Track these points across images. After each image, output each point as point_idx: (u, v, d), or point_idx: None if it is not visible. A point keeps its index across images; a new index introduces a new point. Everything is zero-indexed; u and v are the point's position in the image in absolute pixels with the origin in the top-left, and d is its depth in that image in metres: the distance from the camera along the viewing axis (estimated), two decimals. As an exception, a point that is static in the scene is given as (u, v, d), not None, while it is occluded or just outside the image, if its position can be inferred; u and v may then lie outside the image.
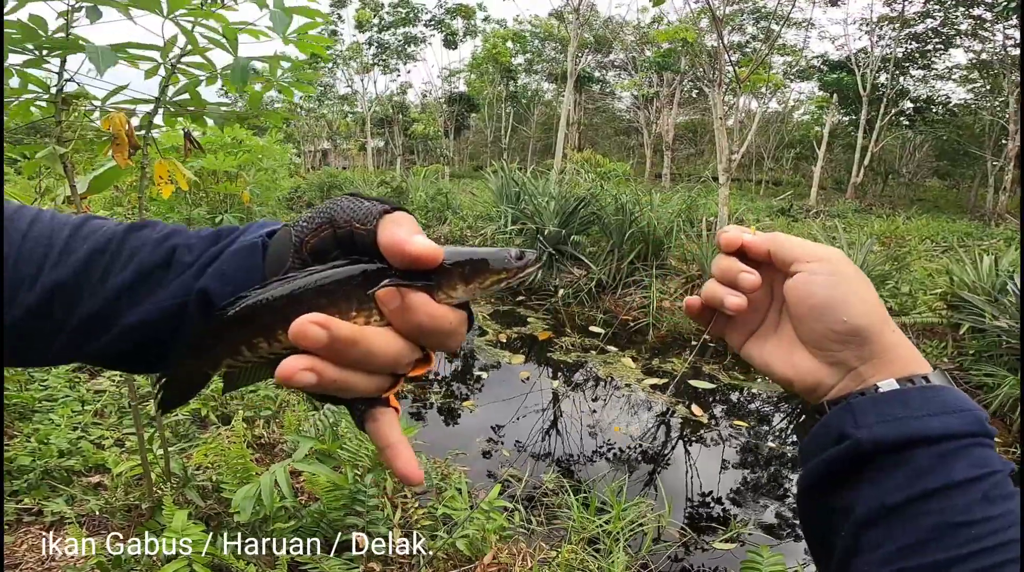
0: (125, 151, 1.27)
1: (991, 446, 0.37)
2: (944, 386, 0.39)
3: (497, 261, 0.34)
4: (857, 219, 13.63)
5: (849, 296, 0.40)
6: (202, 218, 4.68)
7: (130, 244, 0.38)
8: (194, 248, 0.38)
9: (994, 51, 17.82)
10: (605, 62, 27.64)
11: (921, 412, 0.37)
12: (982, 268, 5.10)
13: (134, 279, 0.37)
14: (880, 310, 0.41)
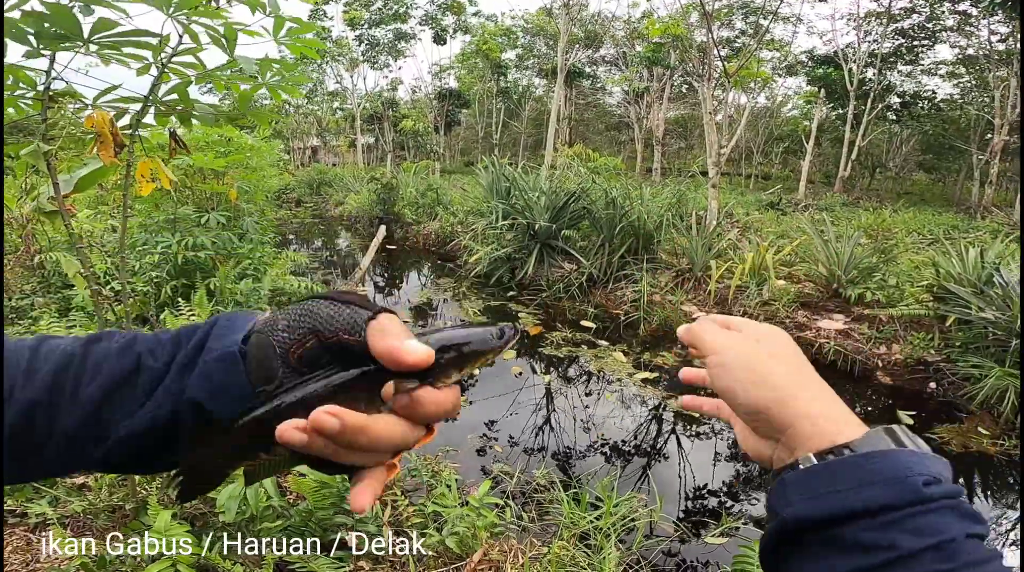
0: (110, 149, 1.25)
1: (950, 507, 0.34)
2: (880, 453, 0.36)
3: (482, 344, 0.37)
4: (845, 212, 13.73)
5: (738, 382, 0.43)
6: (188, 217, 4.61)
7: (93, 357, 0.38)
8: (158, 354, 0.39)
9: (979, 46, 17.99)
10: (596, 57, 27.61)
11: (846, 486, 0.35)
12: (968, 260, 5.15)
13: (107, 389, 0.37)
14: (780, 388, 0.41)
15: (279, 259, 5.77)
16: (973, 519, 0.34)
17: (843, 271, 6.02)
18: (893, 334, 5.26)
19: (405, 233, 11.80)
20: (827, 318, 5.76)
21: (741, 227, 9.03)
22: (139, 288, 4.39)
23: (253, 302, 4.54)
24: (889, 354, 5.15)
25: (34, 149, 1.23)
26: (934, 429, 4.15)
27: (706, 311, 6.44)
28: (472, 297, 7.32)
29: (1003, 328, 4.41)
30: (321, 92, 27.09)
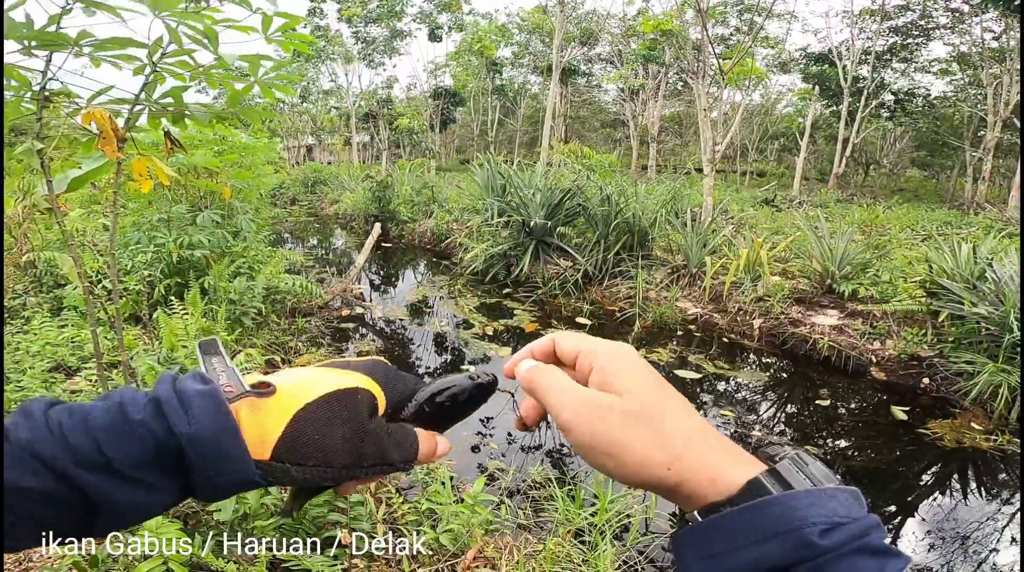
0: (114, 144, 1.25)
1: (857, 550, 0.30)
2: (773, 501, 0.32)
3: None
4: (839, 209, 13.77)
5: (599, 462, 0.37)
6: (182, 215, 4.59)
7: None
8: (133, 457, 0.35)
9: (972, 44, 18.05)
10: (591, 55, 27.59)
11: (737, 543, 0.32)
12: (961, 256, 5.18)
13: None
14: (649, 461, 0.36)
15: (274, 257, 5.75)
16: (886, 554, 0.30)
17: (837, 267, 6.04)
18: (887, 330, 5.28)
19: (401, 231, 11.77)
20: (821, 314, 5.78)
21: (736, 224, 9.05)
22: (132, 287, 4.37)
23: (246, 301, 4.52)
24: (883, 350, 5.17)
25: (28, 147, 1.22)
26: (927, 424, 4.17)
27: (701, 307, 6.46)
28: (468, 294, 7.32)
29: (996, 323, 4.43)
30: (316, 91, 26.98)
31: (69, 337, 3.69)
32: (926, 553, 2.92)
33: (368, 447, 0.38)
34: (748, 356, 5.64)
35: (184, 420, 0.33)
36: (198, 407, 0.34)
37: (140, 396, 0.35)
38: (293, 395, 0.37)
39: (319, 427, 0.36)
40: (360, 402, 0.39)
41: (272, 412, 0.36)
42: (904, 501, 3.43)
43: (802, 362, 5.43)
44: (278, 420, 0.36)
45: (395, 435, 0.40)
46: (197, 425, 0.33)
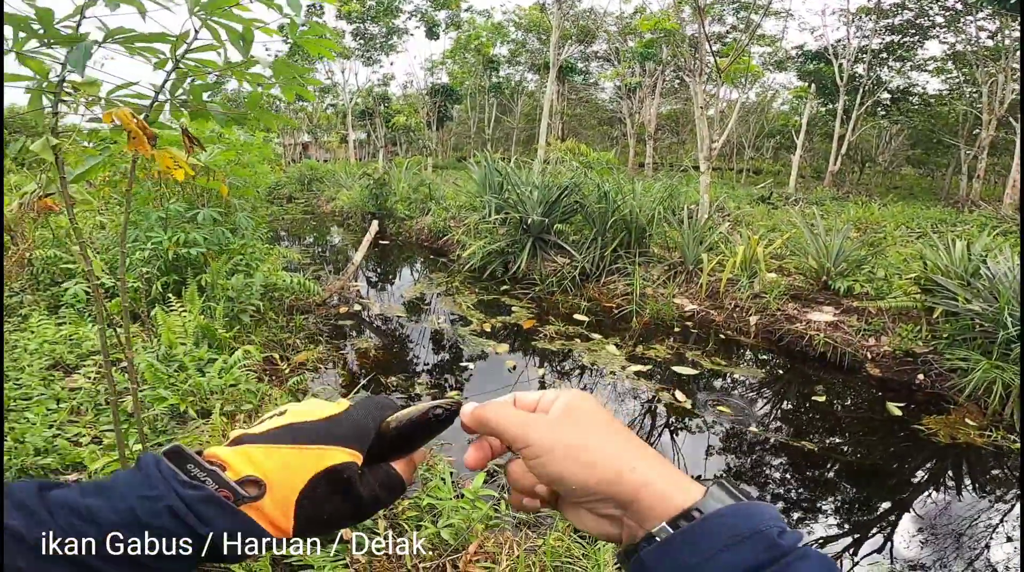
0: (146, 143, 1.25)
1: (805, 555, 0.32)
2: (730, 510, 0.34)
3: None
4: (835, 206, 13.83)
5: (567, 470, 0.38)
6: (179, 213, 4.58)
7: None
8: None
9: (968, 43, 18.12)
10: (588, 53, 27.57)
11: (714, 549, 0.33)
12: (955, 253, 5.22)
13: None
14: (611, 459, 0.38)
15: (271, 255, 5.74)
16: (821, 562, 0.33)
17: (832, 264, 6.07)
18: (882, 326, 5.32)
19: (398, 228, 11.76)
20: (817, 310, 5.81)
21: (732, 221, 9.08)
22: (130, 284, 4.36)
23: (244, 298, 4.52)
24: (878, 346, 5.21)
25: (43, 142, 1.22)
26: (922, 421, 4.21)
27: (698, 304, 6.49)
28: (465, 291, 7.33)
29: (990, 320, 4.47)
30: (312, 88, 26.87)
31: (67, 334, 3.68)
32: (920, 549, 2.95)
33: (364, 506, 0.44)
34: (744, 352, 5.67)
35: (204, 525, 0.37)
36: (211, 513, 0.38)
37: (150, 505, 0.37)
38: (286, 483, 0.41)
39: (318, 506, 0.42)
40: (347, 477, 0.43)
41: (277, 507, 0.40)
42: (899, 497, 3.46)
43: (798, 358, 5.46)
44: (285, 513, 0.40)
45: (383, 483, 0.46)
46: (218, 527, 0.38)
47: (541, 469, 0.39)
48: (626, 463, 0.38)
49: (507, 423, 0.42)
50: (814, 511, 3.26)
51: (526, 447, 0.40)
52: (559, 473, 0.38)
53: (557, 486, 0.40)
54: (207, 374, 3.22)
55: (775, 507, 0.36)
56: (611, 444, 0.39)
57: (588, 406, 0.42)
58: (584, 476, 0.38)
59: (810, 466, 3.70)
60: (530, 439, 0.40)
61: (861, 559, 2.83)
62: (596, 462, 0.38)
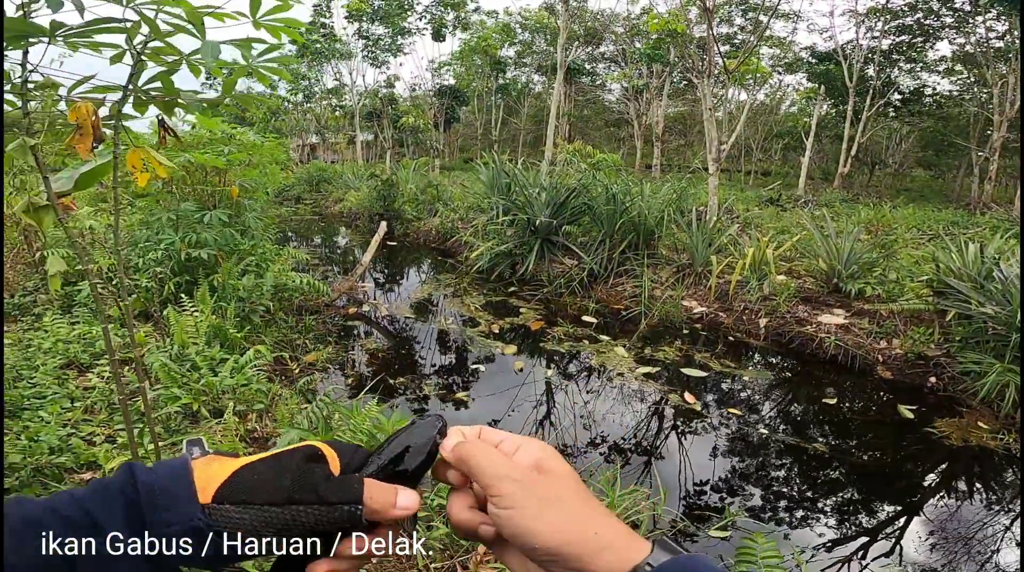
0: (88, 142, 1.23)
1: None
2: (669, 562, 0.38)
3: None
4: (845, 208, 13.73)
5: (533, 523, 0.39)
6: (190, 214, 4.62)
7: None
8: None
9: (977, 43, 17.97)
10: (595, 54, 27.55)
11: None
12: (968, 255, 5.17)
13: None
14: (578, 523, 0.39)
15: (281, 256, 5.78)
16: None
17: (843, 266, 6.03)
18: (893, 329, 5.28)
19: (405, 229, 11.79)
20: (827, 313, 5.78)
21: (741, 223, 9.04)
22: (143, 284, 4.40)
23: (255, 298, 4.55)
24: (889, 349, 5.17)
25: (20, 143, 1.20)
26: (934, 423, 4.17)
27: (707, 306, 6.46)
28: (473, 293, 7.33)
29: (1003, 322, 4.42)
30: (320, 90, 27.02)
31: (80, 334, 3.72)
32: (930, 553, 2.93)
33: (302, 488, 0.39)
34: (753, 355, 5.64)
35: (147, 472, 0.38)
36: (161, 464, 0.39)
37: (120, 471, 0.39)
38: (247, 456, 0.41)
39: (255, 474, 0.40)
40: (296, 454, 0.41)
41: (223, 465, 0.40)
42: (909, 500, 3.43)
43: (808, 361, 5.43)
44: (225, 469, 0.40)
45: (336, 479, 0.41)
46: (155, 475, 0.38)
47: (507, 521, 0.39)
48: (591, 528, 0.39)
49: (486, 466, 0.41)
50: (823, 513, 3.24)
51: (499, 496, 0.40)
52: (526, 529, 0.39)
53: (517, 540, 0.39)
54: (219, 374, 3.25)
55: (711, 559, 0.39)
56: (578, 507, 0.40)
57: (556, 465, 0.42)
58: (550, 537, 0.38)
59: (820, 468, 3.68)
60: (504, 490, 0.40)
61: (870, 562, 2.81)
62: (565, 527, 0.39)
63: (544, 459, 0.42)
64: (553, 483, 0.41)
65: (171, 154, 4.26)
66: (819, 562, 2.78)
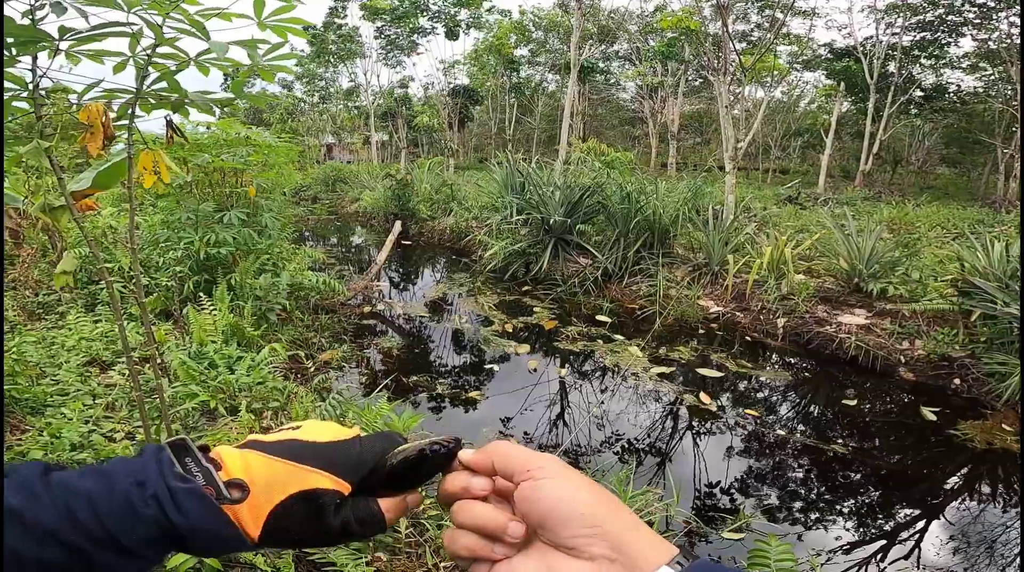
0: (99, 141, 1.26)
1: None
2: (702, 562, 0.39)
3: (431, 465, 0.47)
4: (866, 207, 13.49)
5: (576, 491, 0.39)
6: (209, 214, 4.68)
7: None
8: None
9: (1000, 40, 17.54)
10: (609, 52, 27.41)
11: None
12: (993, 254, 5.04)
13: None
14: (608, 505, 0.39)
15: (297, 255, 5.84)
16: None
17: (864, 265, 5.92)
18: (916, 329, 5.17)
19: (420, 229, 11.84)
20: (848, 313, 5.68)
21: (759, 221, 8.93)
22: (163, 283, 4.47)
23: (272, 297, 4.60)
24: (912, 350, 5.06)
25: (34, 146, 1.22)
26: (957, 426, 4.08)
27: (723, 305, 6.39)
28: (487, 292, 7.34)
29: (1030, 323, 4.31)
30: (336, 91, 27.27)
31: (103, 332, 3.79)
32: (951, 556, 2.86)
33: (333, 534, 0.45)
34: (771, 355, 5.57)
35: (177, 513, 0.39)
36: (186, 496, 0.40)
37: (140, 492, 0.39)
38: (267, 493, 0.43)
39: (288, 522, 0.43)
40: (321, 503, 0.44)
41: (250, 513, 0.42)
42: (931, 503, 3.36)
43: (827, 361, 5.34)
44: (256, 522, 0.42)
45: (360, 517, 0.46)
46: (188, 516, 0.39)
47: (551, 490, 0.39)
48: (624, 508, 0.39)
49: (517, 451, 0.42)
50: (841, 516, 3.18)
51: (538, 468, 0.40)
52: (571, 496, 0.38)
53: (560, 508, 0.38)
54: (236, 372, 3.29)
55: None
56: (603, 498, 0.40)
57: (573, 471, 0.42)
58: (589, 502, 0.38)
59: (839, 470, 3.61)
60: (542, 462, 0.40)
61: (889, 564, 2.76)
62: (604, 499, 0.39)
63: (556, 461, 0.42)
64: (571, 471, 0.42)
65: (189, 155, 4.33)
66: (836, 565, 2.73)
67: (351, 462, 0.46)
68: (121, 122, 1.34)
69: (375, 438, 0.49)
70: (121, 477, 0.40)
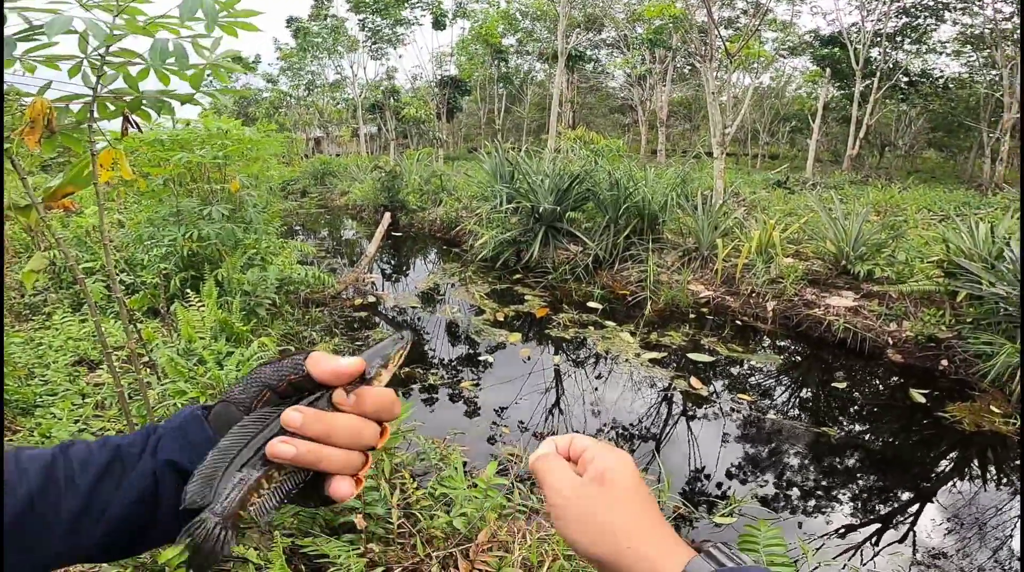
0: (37, 134, 1.24)
1: None
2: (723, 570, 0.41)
3: (394, 348, 0.46)
4: (853, 190, 13.55)
5: (577, 538, 0.45)
6: (192, 210, 4.63)
7: (75, 453, 0.43)
8: (134, 442, 0.45)
9: (984, 24, 17.59)
10: (597, 40, 27.25)
11: None
12: (978, 235, 5.09)
13: (97, 475, 0.42)
14: (613, 537, 0.44)
15: (285, 249, 5.79)
16: None
17: (852, 248, 5.96)
18: (904, 311, 5.22)
19: (410, 220, 11.79)
20: (836, 295, 5.72)
21: (748, 206, 8.95)
22: (149, 281, 4.42)
23: (260, 292, 4.56)
24: (900, 331, 5.11)
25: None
26: (946, 408, 4.12)
27: (713, 290, 6.42)
28: (478, 281, 7.33)
29: (1014, 303, 4.35)
30: (322, 83, 26.96)
31: (90, 331, 3.75)
32: (943, 538, 2.90)
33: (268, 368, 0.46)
34: (762, 338, 5.61)
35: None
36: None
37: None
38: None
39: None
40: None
41: None
42: (922, 485, 3.40)
43: (817, 344, 5.39)
44: None
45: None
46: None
47: (558, 529, 0.47)
48: (624, 543, 0.43)
49: (546, 478, 0.49)
50: (835, 499, 3.22)
51: (551, 507, 0.47)
52: (569, 540, 0.46)
53: (569, 544, 0.46)
54: (225, 367, 3.26)
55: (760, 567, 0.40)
56: (619, 522, 0.44)
57: (621, 478, 0.47)
58: (586, 549, 0.45)
59: (830, 454, 3.65)
60: (555, 503, 0.47)
61: (882, 548, 2.79)
62: (599, 540, 0.44)
63: (610, 470, 0.47)
64: (604, 497, 0.46)
65: (168, 154, 4.28)
66: (828, 549, 2.77)
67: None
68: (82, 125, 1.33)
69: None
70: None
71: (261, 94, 28.01)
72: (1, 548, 0.36)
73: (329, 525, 2.14)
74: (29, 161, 1.70)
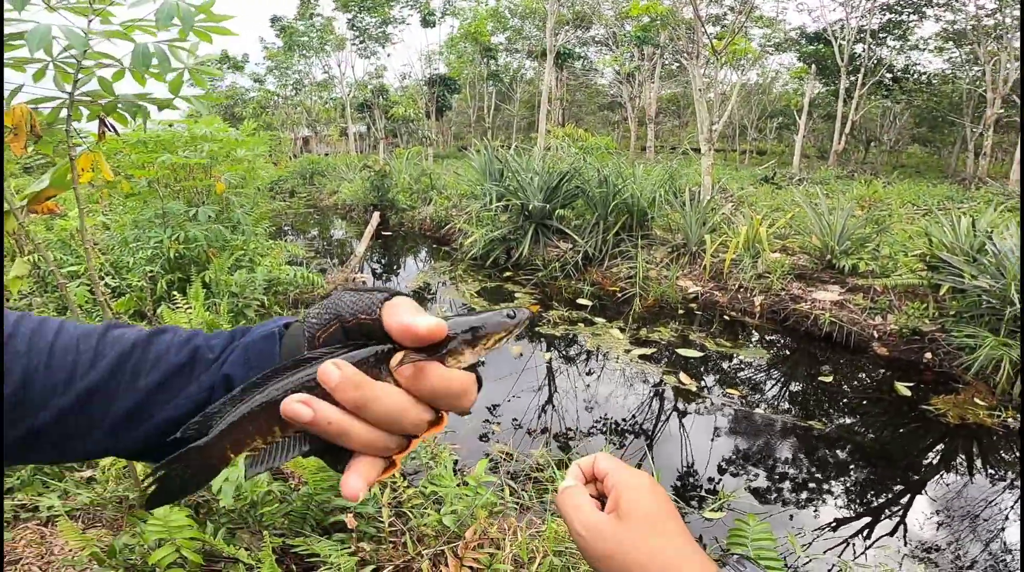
0: (22, 141, 1.25)
1: None
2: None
3: (494, 324, 0.37)
4: (839, 185, 13.68)
5: (595, 566, 0.48)
6: (178, 211, 4.59)
7: (155, 348, 0.41)
8: (215, 347, 0.42)
9: (967, 21, 17.84)
10: (586, 38, 27.30)
11: None
12: (960, 229, 5.16)
13: (163, 378, 0.40)
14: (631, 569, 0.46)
15: (274, 249, 5.76)
16: None
17: (837, 242, 6.03)
18: (888, 304, 5.29)
19: (400, 219, 11.75)
20: (822, 289, 5.78)
21: (735, 202, 9.02)
22: (135, 283, 4.38)
23: (248, 293, 4.54)
24: (884, 325, 5.18)
25: None
26: (931, 401, 4.18)
27: (702, 285, 6.47)
28: (468, 279, 7.33)
29: (997, 296, 4.43)
30: (309, 83, 26.78)
31: (73, 334, 3.71)
32: (934, 531, 2.93)
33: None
34: (750, 333, 5.66)
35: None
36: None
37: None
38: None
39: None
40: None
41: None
42: (910, 478, 3.45)
43: (804, 338, 5.44)
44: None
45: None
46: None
47: (586, 559, 0.50)
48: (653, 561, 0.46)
49: (570, 519, 0.51)
50: (823, 493, 3.26)
51: (580, 549, 0.50)
52: (591, 565, 0.49)
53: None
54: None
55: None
56: (645, 556, 0.46)
57: (636, 508, 0.49)
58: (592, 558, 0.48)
59: (818, 447, 3.70)
60: (582, 546, 0.50)
61: (872, 542, 2.82)
62: (624, 563, 0.46)
63: (629, 501, 0.49)
64: (627, 534, 0.48)
65: (151, 156, 4.24)
66: (817, 543, 2.80)
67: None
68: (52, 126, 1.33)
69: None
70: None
71: (248, 93, 27.79)
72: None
73: (320, 524, 2.14)
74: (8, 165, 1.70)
